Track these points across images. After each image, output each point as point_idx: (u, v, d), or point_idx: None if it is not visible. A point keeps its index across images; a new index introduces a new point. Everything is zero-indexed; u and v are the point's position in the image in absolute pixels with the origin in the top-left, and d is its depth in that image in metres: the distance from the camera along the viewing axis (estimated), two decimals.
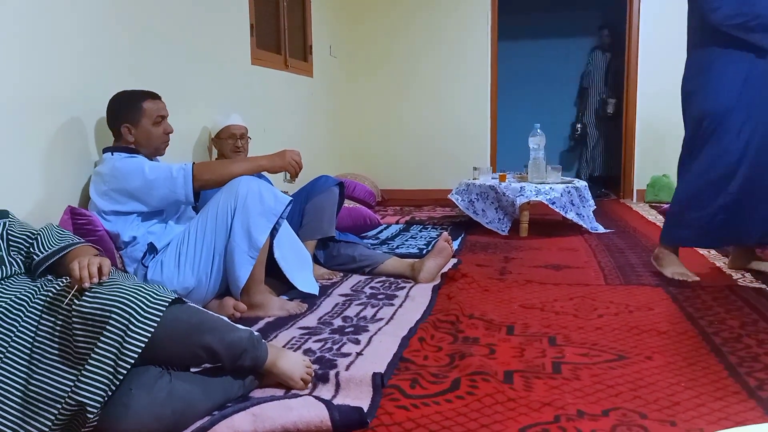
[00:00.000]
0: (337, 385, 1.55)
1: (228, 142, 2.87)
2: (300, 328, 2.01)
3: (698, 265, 2.86)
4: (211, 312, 1.56)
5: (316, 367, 1.64)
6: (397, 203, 5.27)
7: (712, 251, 3.17)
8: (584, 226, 3.82)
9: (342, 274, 2.66)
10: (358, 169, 5.47)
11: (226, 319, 1.55)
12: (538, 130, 3.96)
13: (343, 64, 5.40)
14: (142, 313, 1.28)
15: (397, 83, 5.66)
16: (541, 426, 1.35)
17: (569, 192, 3.82)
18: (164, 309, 1.31)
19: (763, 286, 2.47)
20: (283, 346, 1.82)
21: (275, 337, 1.93)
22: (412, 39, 5.60)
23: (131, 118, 2.15)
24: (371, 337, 1.91)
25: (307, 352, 1.79)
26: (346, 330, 1.98)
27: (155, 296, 1.33)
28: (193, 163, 2.11)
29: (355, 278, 2.62)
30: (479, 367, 1.64)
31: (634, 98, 5.32)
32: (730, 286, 2.44)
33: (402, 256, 3.01)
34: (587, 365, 1.68)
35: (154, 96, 2.21)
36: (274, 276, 2.27)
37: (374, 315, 2.13)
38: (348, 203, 3.71)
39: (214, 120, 2.95)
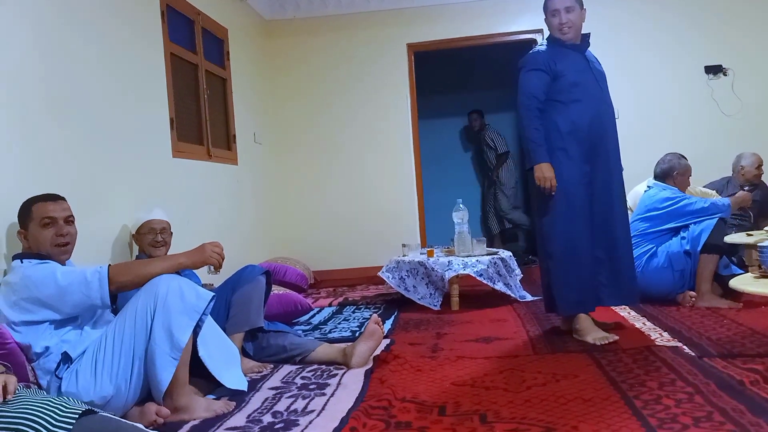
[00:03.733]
0: None
1: (147, 237, 2.84)
2: (228, 429, 1.94)
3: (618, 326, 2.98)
4: (126, 421, 1.50)
5: None
6: (331, 284, 5.25)
7: (632, 312, 3.31)
8: (512, 295, 3.92)
9: (272, 366, 2.60)
10: (289, 252, 5.45)
11: (142, 427, 1.49)
12: (461, 205, 4.10)
13: (268, 149, 5.49)
14: (50, 428, 1.23)
15: (324, 165, 5.78)
16: None
17: (495, 263, 3.93)
18: (73, 423, 1.27)
19: (679, 344, 2.59)
20: None
21: None
22: (335, 121, 5.77)
23: (23, 223, 2.13)
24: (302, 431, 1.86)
25: None
26: (276, 426, 1.92)
27: (63, 410, 1.29)
28: (109, 265, 2.06)
29: (286, 369, 2.57)
30: None
31: None
32: (648, 347, 2.54)
33: (335, 340, 2.99)
34: None
35: (47, 198, 2.16)
36: (200, 375, 2.20)
37: (305, 407, 2.09)
38: (279, 289, 3.68)
39: (136, 217, 2.91)
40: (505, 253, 4.12)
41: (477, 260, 3.86)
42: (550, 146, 2.76)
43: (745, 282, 2.25)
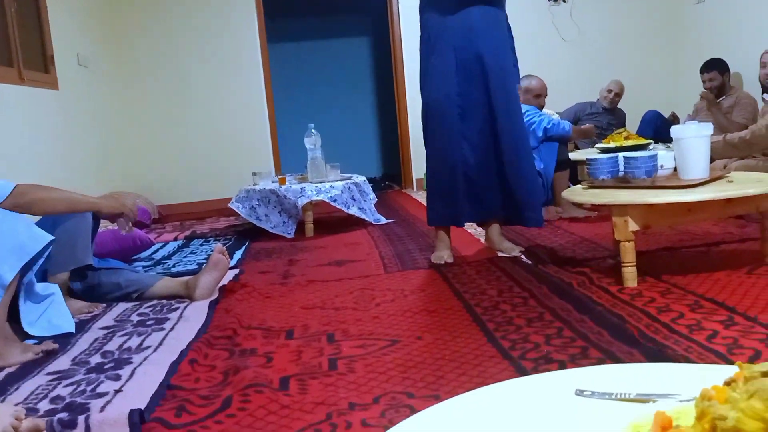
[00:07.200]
0: (87, 431, 1.36)
1: None
2: (49, 373, 1.74)
3: (468, 243, 3.09)
4: None
5: (64, 415, 1.42)
6: (178, 218, 4.95)
7: (479, 229, 3.44)
8: (367, 219, 3.93)
9: (105, 305, 2.39)
10: (129, 186, 5.03)
11: None
12: (313, 131, 3.98)
13: (100, 74, 4.92)
14: None
15: (165, 91, 5.33)
16: (312, 427, 1.31)
17: (349, 188, 3.90)
18: None
19: (519, 255, 2.73)
20: (27, 398, 1.56)
21: (16, 389, 1.64)
22: (176, 44, 5.31)
23: None
24: (135, 369, 1.72)
25: (55, 399, 1.55)
26: (106, 366, 1.75)
27: None
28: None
29: (121, 307, 2.36)
30: (253, 380, 1.55)
31: (404, 94, 5.64)
32: (490, 259, 2.66)
33: (179, 274, 2.80)
34: (362, 356, 1.69)
35: None
36: (17, 319, 1.95)
37: (141, 344, 1.93)
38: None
39: None
40: (359, 178, 4.10)
41: (331, 186, 3.81)
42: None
43: (574, 193, 2.39)
